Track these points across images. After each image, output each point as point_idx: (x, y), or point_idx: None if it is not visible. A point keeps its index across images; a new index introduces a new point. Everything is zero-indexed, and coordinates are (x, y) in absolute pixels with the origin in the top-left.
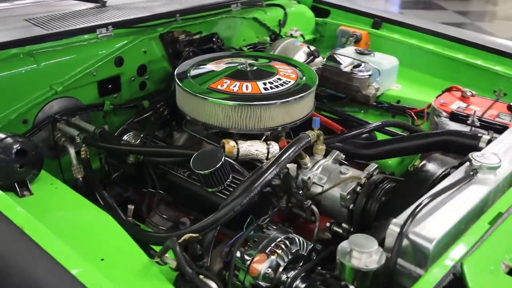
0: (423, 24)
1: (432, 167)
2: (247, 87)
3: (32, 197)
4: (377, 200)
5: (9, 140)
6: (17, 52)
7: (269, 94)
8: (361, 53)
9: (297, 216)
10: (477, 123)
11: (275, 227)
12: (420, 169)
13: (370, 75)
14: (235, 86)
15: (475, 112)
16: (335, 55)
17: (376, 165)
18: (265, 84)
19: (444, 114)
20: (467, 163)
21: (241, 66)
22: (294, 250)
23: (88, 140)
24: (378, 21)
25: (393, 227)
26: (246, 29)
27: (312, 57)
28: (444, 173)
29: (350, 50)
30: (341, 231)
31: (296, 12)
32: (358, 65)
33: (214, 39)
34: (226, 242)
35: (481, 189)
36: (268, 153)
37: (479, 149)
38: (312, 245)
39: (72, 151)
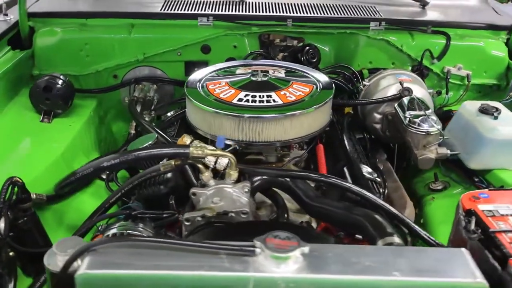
0: None
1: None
2: (227, 93)
3: (45, 124)
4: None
5: (46, 77)
6: (123, 23)
7: (232, 105)
8: (483, 111)
9: None
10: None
11: (144, 225)
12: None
13: (428, 133)
14: (219, 90)
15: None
16: (416, 100)
17: (246, 210)
18: (246, 95)
19: (460, 210)
20: None
21: (254, 74)
22: None
23: (130, 104)
24: None
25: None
26: (376, 52)
27: (398, 95)
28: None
29: (477, 104)
30: None
31: (479, 48)
32: (418, 116)
33: (307, 48)
34: None
35: (236, 269)
36: (216, 162)
37: None
38: None
39: (138, 109)
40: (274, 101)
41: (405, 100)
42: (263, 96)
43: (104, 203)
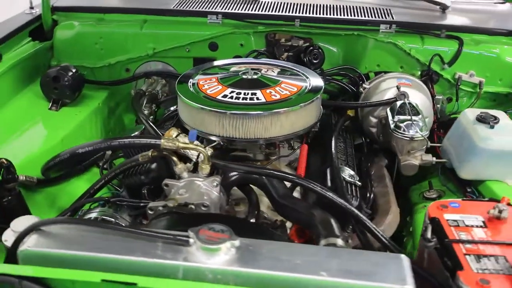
0: None
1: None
2: (214, 90)
3: (52, 112)
4: None
5: (57, 68)
6: (136, 19)
7: (215, 101)
8: (480, 119)
9: None
10: None
11: (122, 212)
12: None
13: (413, 139)
14: (208, 86)
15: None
16: (407, 105)
17: (206, 203)
18: (232, 92)
19: (426, 218)
20: None
21: (245, 72)
22: None
23: (134, 96)
24: None
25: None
26: (384, 55)
27: (393, 99)
28: None
29: (477, 112)
30: None
31: (494, 55)
32: (404, 121)
33: (310, 49)
34: None
35: (167, 257)
36: (198, 156)
37: None
38: None
39: (144, 101)
40: (257, 98)
41: (398, 104)
42: (248, 94)
43: (89, 189)
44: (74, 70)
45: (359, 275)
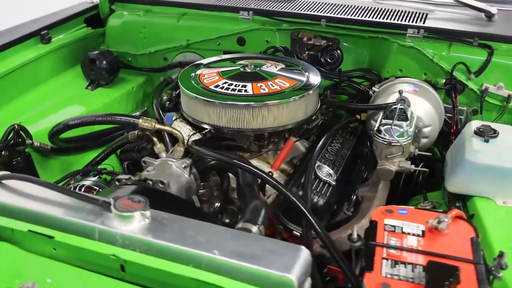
0: None
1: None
2: (209, 79)
3: (87, 91)
4: None
5: (97, 52)
6: (177, 12)
7: (207, 90)
8: (477, 132)
9: None
10: None
11: (104, 183)
12: None
13: (390, 144)
14: (207, 76)
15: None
16: (398, 110)
17: (164, 181)
18: (224, 83)
19: (367, 219)
20: None
21: (244, 66)
22: None
23: (160, 83)
24: None
25: None
26: (407, 60)
27: (392, 103)
28: None
29: (479, 124)
30: None
31: None
32: (385, 125)
33: (328, 49)
34: None
35: (87, 219)
36: (188, 139)
37: None
38: None
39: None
40: (246, 91)
41: (391, 108)
42: (238, 85)
43: (92, 160)
44: (111, 56)
45: (248, 258)
